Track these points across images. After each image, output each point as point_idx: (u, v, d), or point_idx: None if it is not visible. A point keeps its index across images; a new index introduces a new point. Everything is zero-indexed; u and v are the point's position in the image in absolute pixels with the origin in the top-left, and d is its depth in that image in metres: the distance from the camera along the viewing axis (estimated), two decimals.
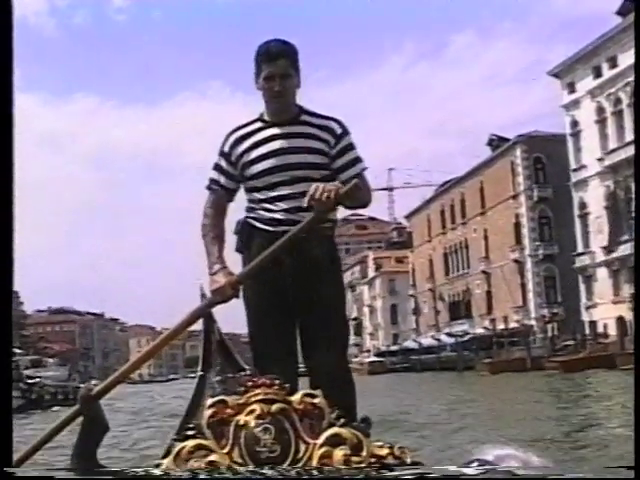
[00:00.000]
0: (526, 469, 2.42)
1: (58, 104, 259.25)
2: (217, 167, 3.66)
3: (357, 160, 3.61)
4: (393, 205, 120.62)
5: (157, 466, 2.53)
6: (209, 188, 3.66)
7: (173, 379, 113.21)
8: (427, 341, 71.98)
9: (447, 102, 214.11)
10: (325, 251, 3.60)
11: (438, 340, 68.68)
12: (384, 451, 2.54)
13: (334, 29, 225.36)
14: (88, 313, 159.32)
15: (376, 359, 77.91)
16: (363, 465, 2.47)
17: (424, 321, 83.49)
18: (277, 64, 3.48)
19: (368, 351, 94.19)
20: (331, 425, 2.55)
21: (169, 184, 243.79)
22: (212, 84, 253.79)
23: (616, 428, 11.09)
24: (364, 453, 2.50)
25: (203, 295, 3.46)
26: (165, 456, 2.56)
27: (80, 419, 3.22)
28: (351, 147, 3.61)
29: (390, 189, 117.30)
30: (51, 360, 53.97)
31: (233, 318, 3.69)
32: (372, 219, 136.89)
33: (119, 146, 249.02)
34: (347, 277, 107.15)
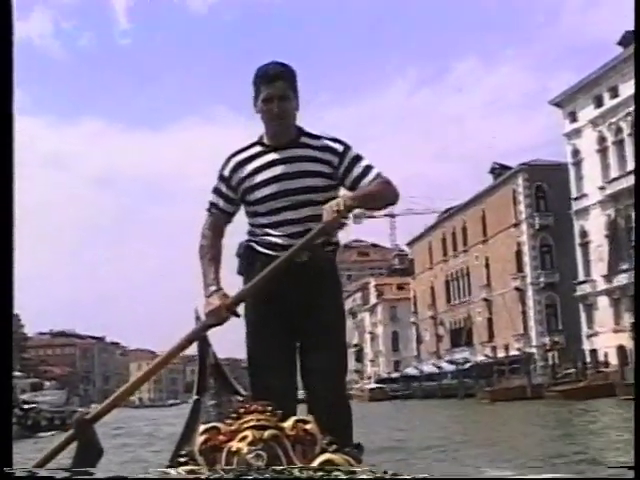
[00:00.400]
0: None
1: (63, 126, 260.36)
2: (216, 191, 3.65)
3: (369, 168, 3.55)
4: (395, 232, 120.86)
5: None
6: (208, 210, 3.67)
7: (173, 404, 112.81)
8: (428, 368, 72.08)
9: (450, 127, 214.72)
10: (326, 274, 3.60)
11: (439, 367, 68.78)
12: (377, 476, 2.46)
13: (337, 53, 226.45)
14: (89, 337, 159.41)
15: (377, 386, 78.03)
16: None
17: (425, 348, 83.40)
18: (275, 86, 3.47)
19: (369, 378, 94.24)
20: (323, 451, 2.52)
21: (173, 207, 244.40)
22: (216, 108, 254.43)
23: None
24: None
25: (198, 318, 3.44)
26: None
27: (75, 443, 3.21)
28: (358, 158, 3.57)
29: (392, 215, 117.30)
30: (48, 383, 53.16)
31: (232, 343, 3.67)
32: (374, 245, 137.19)
33: (123, 169, 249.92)
34: (349, 303, 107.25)
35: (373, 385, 79.93)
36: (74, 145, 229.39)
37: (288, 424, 2.55)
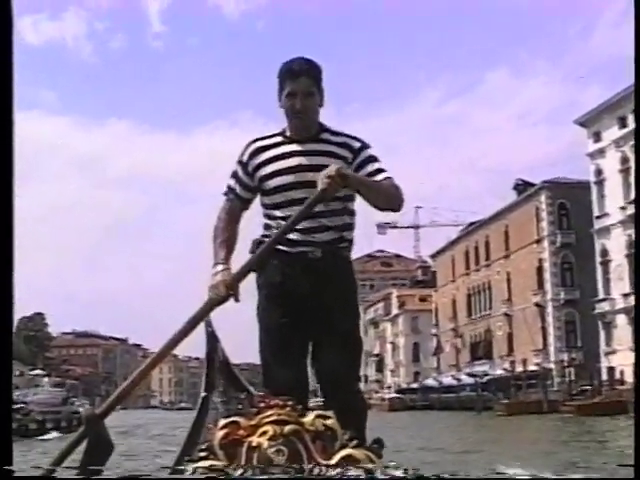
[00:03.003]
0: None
1: (91, 127, 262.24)
2: (234, 175, 3.66)
3: (380, 170, 3.54)
4: (419, 243, 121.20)
5: None
6: (225, 194, 3.68)
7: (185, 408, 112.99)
8: (447, 380, 72.39)
9: (477, 140, 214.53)
10: (340, 270, 3.59)
11: (458, 380, 69.16)
12: (398, 472, 2.53)
13: (367, 63, 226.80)
14: (112, 338, 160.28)
15: (396, 396, 78.44)
16: None
17: (445, 360, 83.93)
18: (299, 82, 3.49)
19: (389, 387, 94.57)
20: (344, 446, 2.54)
21: (197, 210, 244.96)
22: (243, 113, 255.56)
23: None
24: (377, 474, 2.49)
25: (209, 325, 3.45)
26: (174, 471, 2.61)
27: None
28: (372, 159, 3.57)
29: (416, 227, 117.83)
30: (46, 380, 47.38)
31: (253, 349, 3.59)
32: (398, 256, 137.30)
33: (149, 171, 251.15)
34: (370, 313, 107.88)
35: (393, 395, 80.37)
36: (101, 146, 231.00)
37: (308, 419, 2.56)
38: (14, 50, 3.02)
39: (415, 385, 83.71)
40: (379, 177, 3.50)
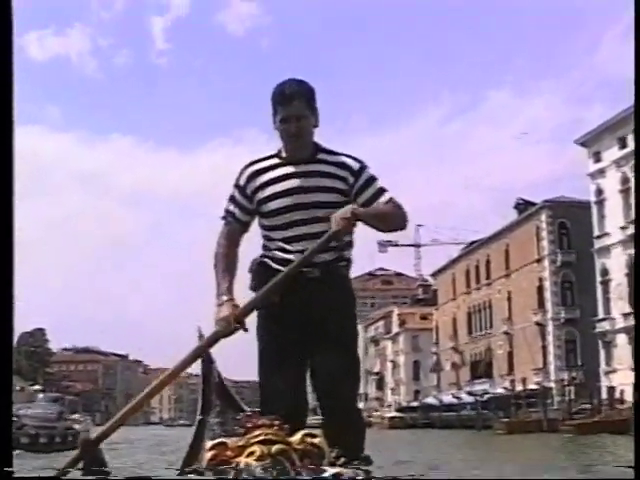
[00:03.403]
0: None
1: (94, 143, 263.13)
2: (232, 199, 3.66)
3: (382, 190, 3.59)
4: (420, 262, 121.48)
5: None
6: (224, 218, 3.68)
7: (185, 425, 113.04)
8: (448, 399, 72.44)
9: (479, 158, 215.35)
10: (339, 290, 3.59)
11: (458, 398, 69.21)
12: None
13: (371, 80, 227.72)
14: (112, 354, 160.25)
15: (397, 414, 78.49)
16: None
17: (445, 379, 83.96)
18: (292, 106, 3.48)
19: (389, 406, 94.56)
20: (332, 464, 2.54)
21: (199, 228, 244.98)
22: (247, 131, 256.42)
23: None
24: None
25: (200, 337, 3.42)
26: (182, 472, 2.63)
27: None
28: (372, 180, 3.60)
29: (417, 245, 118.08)
30: (41, 395, 45.88)
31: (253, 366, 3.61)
32: (398, 274, 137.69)
33: (152, 188, 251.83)
34: (371, 331, 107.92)
35: (393, 413, 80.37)
36: (105, 162, 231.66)
37: (296, 438, 2.56)
38: (18, 66, 3.02)
39: (415, 403, 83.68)
40: (382, 199, 3.56)
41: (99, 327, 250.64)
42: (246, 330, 3.42)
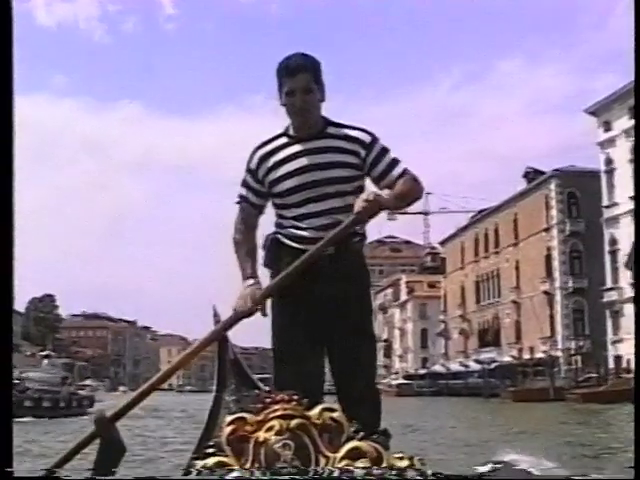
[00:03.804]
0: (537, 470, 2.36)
1: (102, 110, 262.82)
2: (244, 183, 3.64)
3: (395, 162, 3.54)
4: (428, 230, 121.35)
5: None
6: (238, 203, 3.67)
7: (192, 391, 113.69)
8: (455, 367, 72.96)
9: (489, 127, 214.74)
10: (354, 266, 3.55)
11: (466, 366, 69.66)
12: (404, 463, 2.52)
13: (381, 49, 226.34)
14: (121, 320, 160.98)
15: (404, 382, 78.88)
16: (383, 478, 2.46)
17: (453, 347, 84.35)
18: (297, 79, 3.43)
19: (397, 373, 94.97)
20: (350, 439, 2.54)
21: (206, 195, 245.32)
22: (254, 98, 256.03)
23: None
24: (384, 465, 2.49)
25: (215, 315, 3.44)
26: (186, 474, 2.55)
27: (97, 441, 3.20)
28: (385, 151, 3.55)
29: (426, 213, 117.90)
30: (46, 361, 45.87)
31: (261, 333, 3.63)
32: (407, 242, 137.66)
33: (159, 155, 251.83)
34: (379, 299, 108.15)
35: (400, 381, 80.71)
36: (112, 129, 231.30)
37: (314, 412, 2.56)
38: (25, 32, 2.94)
39: (423, 371, 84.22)
40: (396, 171, 3.50)
41: (107, 293, 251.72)
42: (265, 314, 3.44)
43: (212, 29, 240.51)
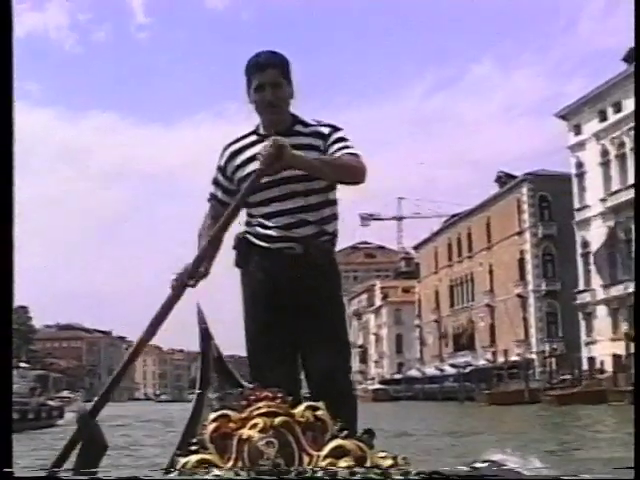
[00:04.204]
0: (528, 470, 2.35)
1: (75, 119, 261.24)
2: (215, 181, 3.64)
3: (344, 147, 3.46)
4: (402, 235, 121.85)
5: None
6: (209, 201, 3.68)
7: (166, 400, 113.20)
8: (431, 371, 73.09)
9: (462, 132, 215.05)
10: (323, 266, 3.51)
11: (441, 370, 69.84)
12: (388, 462, 2.51)
13: (354, 55, 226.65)
14: (96, 330, 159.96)
15: (380, 387, 79.06)
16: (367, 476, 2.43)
17: (428, 351, 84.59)
18: (267, 73, 3.44)
19: (373, 379, 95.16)
20: (334, 437, 2.53)
21: (182, 204, 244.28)
22: (228, 105, 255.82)
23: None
24: (368, 464, 2.47)
25: (200, 313, 3.49)
26: (168, 471, 2.52)
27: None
28: (340, 140, 3.49)
29: (400, 218, 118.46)
30: (14, 372, 45.87)
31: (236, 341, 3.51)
32: (381, 248, 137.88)
33: (134, 164, 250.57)
34: (354, 305, 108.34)
35: (376, 386, 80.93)
36: (85, 138, 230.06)
37: (299, 410, 2.55)
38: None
39: (399, 376, 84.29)
40: (339, 153, 3.43)
41: (82, 303, 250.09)
42: (193, 286, 3.35)
43: (185, 37, 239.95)
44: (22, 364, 55.94)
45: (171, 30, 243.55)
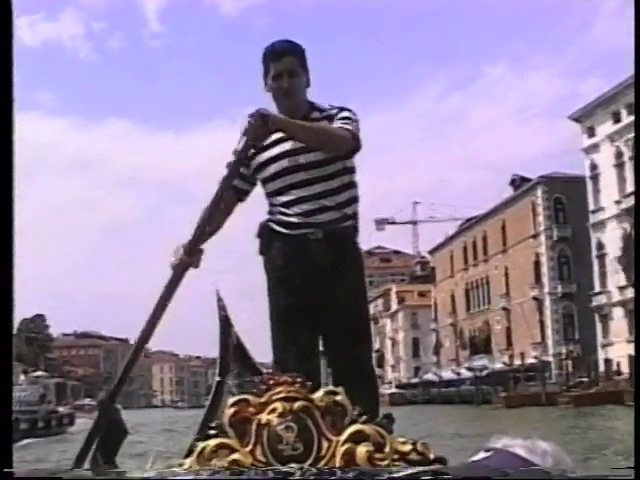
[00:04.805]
0: (534, 455, 2.25)
1: (90, 127, 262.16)
2: (229, 165, 3.53)
3: (345, 122, 3.48)
4: (417, 239, 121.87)
5: (180, 465, 2.50)
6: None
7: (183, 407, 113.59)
8: (447, 375, 73.13)
9: (476, 135, 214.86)
10: (344, 250, 3.52)
11: (458, 374, 69.88)
12: (407, 447, 2.50)
13: (368, 58, 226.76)
14: (113, 338, 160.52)
15: (397, 391, 79.12)
16: (386, 462, 2.43)
17: (445, 355, 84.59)
18: (284, 61, 3.47)
19: (390, 383, 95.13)
20: (353, 422, 2.51)
21: (197, 211, 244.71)
22: (244, 111, 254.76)
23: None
24: (387, 449, 2.47)
25: (220, 300, 3.46)
26: (187, 456, 2.52)
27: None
28: (344, 118, 3.50)
29: (414, 223, 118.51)
30: (23, 377, 43.05)
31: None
32: (396, 252, 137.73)
33: (148, 171, 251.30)
34: (370, 309, 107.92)
35: (393, 390, 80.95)
36: (100, 146, 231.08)
37: (318, 395, 2.54)
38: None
39: (415, 380, 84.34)
40: (343, 120, 3.48)
41: (99, 311, 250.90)
42: (196, 266, 3.36)
43: (198, 44, 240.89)
44: (39, 372, 56.25)
45: (185, 37, 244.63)
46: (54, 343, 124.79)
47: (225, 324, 3.41)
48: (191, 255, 3.33)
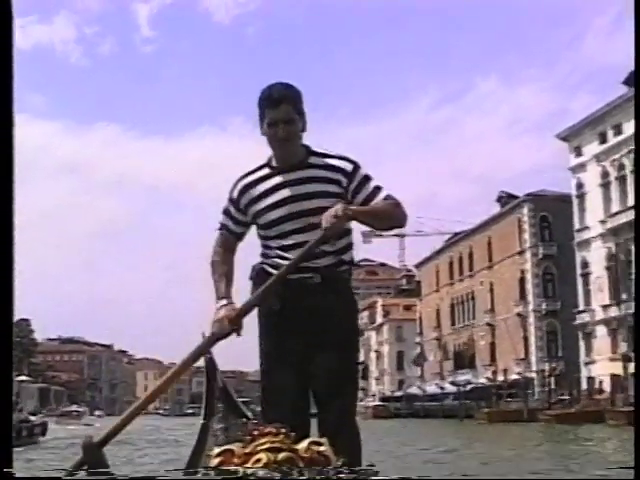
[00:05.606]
0: None
1: (80, 132, 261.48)
2: (226, 212, 3.64)
3: (378, 189, 3.52)
4: (404, 252, 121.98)
5: None
6: (219, 230, 3.67)
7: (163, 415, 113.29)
8: (431, 389, 73.23)
9: (465, 149, 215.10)
10: (340, 295, 3.55)
11: (442, 388, 70.05)
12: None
13: (358, 68, 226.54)
14: (97, 344, 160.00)
15: (381, 404, 78.93)
16: None
17: (429, 369, 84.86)
18: (279, 109, 3.42)
19: (373, 395, 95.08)
20: (338, 472, 2.48)
21: (185, 217, 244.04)
22: (233, 119, 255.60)
23: None
24: None
25: (204, 336, 3.40)
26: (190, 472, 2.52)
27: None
28: (367, 179, 3.52)
29: (401, 236, 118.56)
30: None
31: (238, 356, 3.69)
32: (382, 265, 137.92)
33: (137, 176, 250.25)
34: None
35: (377, 403, 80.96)
36: (90, 150, 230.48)
37: (302, 446, 2.53)
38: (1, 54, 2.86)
39: (399, 393, 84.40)
40: (379, 197, 3.49)
41: (84, 317, 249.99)
42: (239, 334, 3.36)
43: (190, 51, 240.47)
44: (22, 377, 56.00)
45: (176, 44, 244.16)
46: (38, 348, 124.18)
47: (210, 366, 3.44)
48: (237, 324, 3.37)
